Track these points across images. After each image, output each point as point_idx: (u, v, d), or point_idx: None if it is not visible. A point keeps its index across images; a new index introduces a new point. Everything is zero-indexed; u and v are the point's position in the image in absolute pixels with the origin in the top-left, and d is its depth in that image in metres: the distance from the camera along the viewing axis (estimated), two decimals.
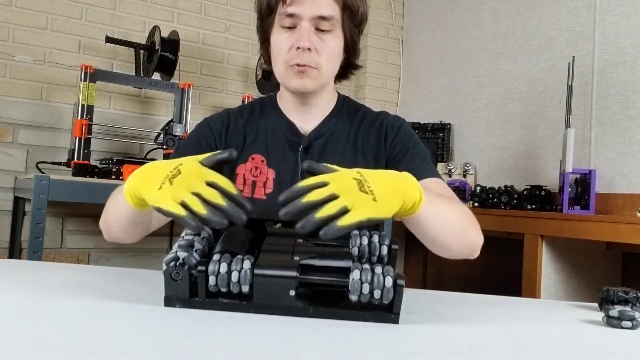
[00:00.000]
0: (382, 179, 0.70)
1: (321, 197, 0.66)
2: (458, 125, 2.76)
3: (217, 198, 0.66)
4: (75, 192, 1.86)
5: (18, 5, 2.27)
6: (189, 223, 0.64)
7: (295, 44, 1.00)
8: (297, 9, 0.99)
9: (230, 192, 0.67)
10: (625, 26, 2.05)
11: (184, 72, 2.55)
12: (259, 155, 1.08)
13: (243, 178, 1.08)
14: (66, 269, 1.00)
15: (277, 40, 1.03)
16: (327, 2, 1.00)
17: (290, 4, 0.99)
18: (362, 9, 1.05)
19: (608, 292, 0.83)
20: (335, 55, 1.05)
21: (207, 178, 0.68)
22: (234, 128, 1.11)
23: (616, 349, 0.66)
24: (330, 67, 1.05)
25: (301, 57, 1.00)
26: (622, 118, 2.03)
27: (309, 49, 0.99)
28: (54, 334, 0.55)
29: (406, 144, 1.10)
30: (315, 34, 1.01)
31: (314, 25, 1.00)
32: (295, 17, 1.00)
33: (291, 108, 1.11)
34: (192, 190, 0.66)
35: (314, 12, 0.99)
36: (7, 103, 2.24)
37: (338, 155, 1.09)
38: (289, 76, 1.03)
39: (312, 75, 1.02)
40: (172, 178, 0.68)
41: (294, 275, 0.67)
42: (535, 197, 2.15)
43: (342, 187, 0.67)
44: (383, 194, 0.68)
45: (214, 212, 0.65)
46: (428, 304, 0.84)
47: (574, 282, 1.92)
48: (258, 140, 1.10)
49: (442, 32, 2.89)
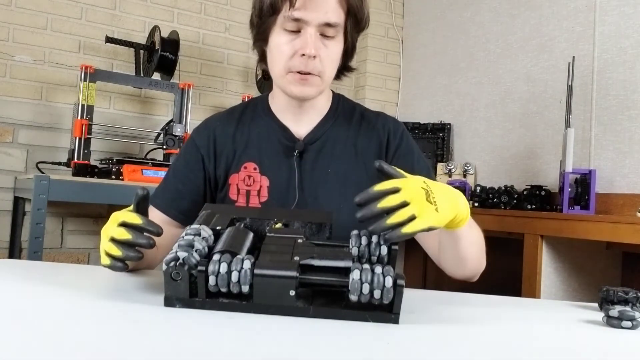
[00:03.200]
0: (443, 192, 0.77)
1: (394, 203, 0.71)
2: (458, 125, 2.76)
3: (123, 234, 0.77)
4: (75, 192, 1.86)
5: (18, 5, 2.27)
6: (116, 268, 0.79)
7: (300, 50, 0.97)
8: (305, 15, 0.96)
9: (135, 223, 0.78)
10: (625, 26, 2.05)
11: (184, 72, 2.55)
12: (251, 163, 1.06)
13: (237, 188, 1.06)
14: (66, 269, 1.00)
15: (278, 42, 1.00)
16: (334, 9, 0.97)
17: (297, 8, 0.95)
18: (366, 15, 1.04)
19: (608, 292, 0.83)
20: (337, 61, 1.03)
21: (119, 220, 0.79)
22: (222, 139, 1.09)
23: (616, 349, 0.66)
24: (332, 73, 1.04)
25: (305, 65, 0.98)
26: (622, 118, 2.03)
27: (314, 57, 0.97)
28: (54, 334, 0.55)
29: (410, 158, 1.10)
30: (319, 40, 0.98)
31: (319, 32, 0.98)
32: (302, 22, 0.96)
33: (285, 110, 1.09)
34: (109, 236, 0.78)
35: (321, 19, 0.96)
36: (7, 103, 2.24)
37: (335, 159, 1.07)
38: (290, 82, 1.00)
39: (315, 83, 1.00)
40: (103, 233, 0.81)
41: (294, 275, 0.67)
42: (535, 197, 2.15)
43: (413, 196, 0.72)
44: (443, 206, 0.74)
45: (127, 248, 0.77)
46: (428, 304, 0.84)
47: (574, 282, 1.92)
48: (250, 147, 1.07)
49: (442, 32, 2.89)
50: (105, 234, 0.79)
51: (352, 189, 1.06)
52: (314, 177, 1.06)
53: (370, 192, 0.72)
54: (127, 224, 0.78)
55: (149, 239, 0.77)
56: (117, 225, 0.78)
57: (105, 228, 0.80)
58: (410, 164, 1.08)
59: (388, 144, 1.10)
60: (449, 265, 1.02)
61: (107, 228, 0.80)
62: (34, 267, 1.03)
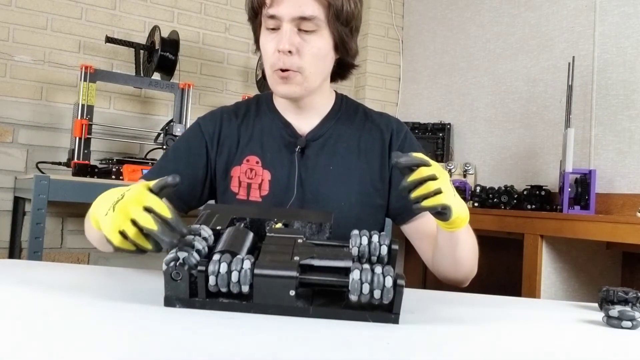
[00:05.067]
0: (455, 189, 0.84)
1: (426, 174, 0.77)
2: (458, 125, 2.76)
3: (151, 223, 0.68)
4: (75, 192, 1.86)
5: (18, 5, 2.27)
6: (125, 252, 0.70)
7: (277, 46, 0.97)
8: (277, 10, 0.96)
9: (165, 216, 0.69)
10: (625, 26, 2.05)
11: (184, 72, 2.55)
12: (253, 157, 1.07)
13: (238, 180, 1.06)
14: (66, 269, 1.00)
15: (263, 42, 1.02)
16: (308, 2, 0.96)
17: (270, 5, 0.96)
18: (348, 6, 1.00)
19: (608, 292, 0.83)
20: (322, 57, 1.01)
21: (145, 203, 0.69)
22: (228, 129, 1.09)
23: (616, 349, 0.66)
24: (316, 69, 1.01)
25: (283, 61, 0.97)
26: (622, 118, 2.03)
27: (290, 52, 0.97)
28: (53, 334, 0.55)
29: None
30: (298, 35, 0.97)
31: (296, 26, 0.97)
32: (277, 18, 0.97)
33: (287, 108, 1.10)
34: (130, 216, 0.68)
35: (294, 13, 0.96)
36: (7, 103, 2.24)
37: (337, 157, 1.07)
38: (275, 82, 1.01)
39: (296, 80, 0.99)
40: (115, 204, 0.70)
41: (294, 275, 0.67)
42: (535, 197, 2.15)
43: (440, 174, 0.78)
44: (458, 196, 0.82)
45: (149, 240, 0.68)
46: (428, 304, 0.84)
47: (574, 282, 1.92)
48: (253, 140, 1.08)
49: (442, 32, 2.89)
50: (124, 210, 0.69)
51: (353, 187, 1.06)
52: (315, 174, 1.06)
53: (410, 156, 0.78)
54: (154, 212, 0.69)
55: (172, 240, 0.67)
56: (142, 209, 0.69)
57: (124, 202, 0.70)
58: None
59: (391, 144, 1.10)
60: (443, 268, 1.02)
61: (129, 205, 0.69)
62: (34, 267, 1.03)
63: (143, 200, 0.70)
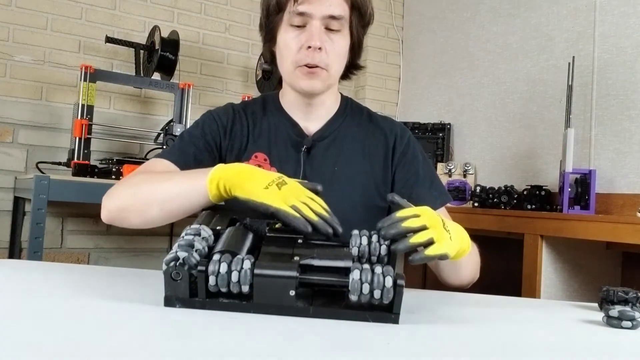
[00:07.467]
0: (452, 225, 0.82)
1: (417, 225, 0.75)
2: (458, 125, 2.76)
3: (321, 210, 0.77)
4: (75, 192, 1.86)
5: (18, 5, 2.27)
6: (298, 222, 0.74)
7: (306, 43, 0.99)
8: (308, 8, 0.98)
9: (326, 210, 0.78)
10: (625, 26, 2.05)
11: (184, 72, 2.55)
12: (262, 154, 1.07)
13: None
14: (66, 269, 1.00)
15: (285, 38, 1.02)
16: (338, 2, 1.00)
17: (301, 2, 0.98)
18: (370, 9, 1.05)
19: (608, 292, 0.83)
20: (343, 56, 1.05)
21: (308, 194, 0.79)
22: (239, 124, 1.10)
23: (616, 349, 0.66)
24: (338, 67, 1.05)
25: (312, 57, 1.00)
26: (622, 118, 2.03)
27: (319, 49, 0.99)
28: (53, 334, 0.55)
29: (415, 164, 1.11)
30: (325, 34, 1.00)
31: (324, 25, 1.00)
32: (306, 15, 0.99)
33: (295, 108, 1.10)
34: (300, 199, 0.77)
35: (324, 12, 0.99)
36: (7, 103, 2.24)
37: (343, 158, 1.08)
38: (298, 77, 1.02)
39: (322, 76, 1.02)
40: (279, 184, 0.79)
41: (294, 275, 0.67)
42: (535, 197, 2.15)
43: (432, 222, 0.76)
44: (455, 237, 0.78)
45: (320, 221, 0.76)
46: (428, 304, 0.84)
47: (574, 282, 1.92)
48: (261, 138, 1.09)
49: (442, 32, 2.89)
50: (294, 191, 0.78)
51: (357, 188, 1.06)
52: (320, 174, 1.06)
53: (393, 217, 0.76)
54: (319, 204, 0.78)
55: (329, 230, 0.76)
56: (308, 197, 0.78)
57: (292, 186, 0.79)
58: (416, 169, 1.10)
59: (394, 148, 1.11)
60: (445, 275, 1.04)
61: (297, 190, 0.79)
62: (34, 267, 1.03)
63: (306, 192, 0.80)
